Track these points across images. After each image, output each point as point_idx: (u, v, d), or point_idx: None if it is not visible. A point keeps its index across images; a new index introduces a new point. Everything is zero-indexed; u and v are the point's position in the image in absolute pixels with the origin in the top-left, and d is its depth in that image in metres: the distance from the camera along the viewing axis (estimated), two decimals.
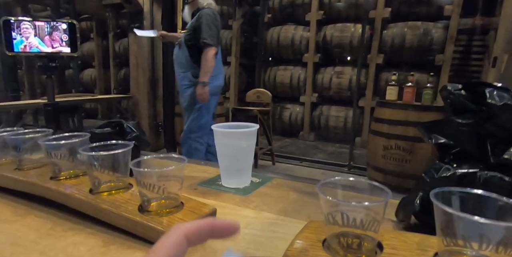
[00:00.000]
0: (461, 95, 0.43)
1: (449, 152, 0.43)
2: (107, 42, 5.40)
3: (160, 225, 0.40)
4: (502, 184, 0.37)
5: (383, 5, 3.84)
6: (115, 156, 0.48)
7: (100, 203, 0.45)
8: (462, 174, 0.39)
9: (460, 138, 0.42)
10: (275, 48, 4.50)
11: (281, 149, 3.83)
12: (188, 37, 2.22)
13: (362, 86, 3.99)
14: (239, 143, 0.59)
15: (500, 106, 0.39)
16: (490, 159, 0.39)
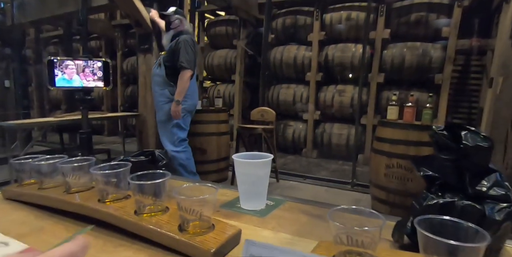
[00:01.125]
0: (444, 135, 0.51)
1: (434, 183, 0.50)
2: (115, 60, 5.58)
3: (198, 243, 0.48)
4: (475, 212, 0.45)
5: (383, 26, 4.01)
6: (157, 184, 0.57)
7: (146, 224, 0.53)
8: (443, 202, 0.47)
9: (444, 172, 0.50)
10: (278, 67, 4.64)
11: (285, 166, 3.88)
12: (167, 58, 2.49)
13: (363, 104, 4.08)
14: (257, 172, 0.68)
15: (473, 147, 0.46)
16: (468, 190, 0.47)
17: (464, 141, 0.47)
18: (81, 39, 4.76)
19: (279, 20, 4.66)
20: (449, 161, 0.49)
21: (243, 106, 4.96)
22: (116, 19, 5.45)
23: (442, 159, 0.50)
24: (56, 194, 0.65)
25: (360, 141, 4.07)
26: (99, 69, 2.03)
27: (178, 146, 2.56)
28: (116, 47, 5.53)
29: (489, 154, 0.47)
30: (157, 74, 2.53)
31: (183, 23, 2.57)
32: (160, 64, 2.51)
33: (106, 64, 2.07)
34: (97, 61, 1.99)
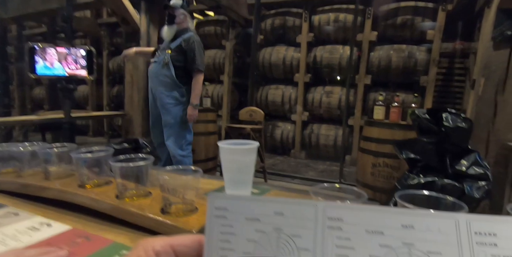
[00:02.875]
0: (426, 119, 0.51)
1: (416, 165, 0.51)
2: (101, 59, 5.47)
3: (180, 224, 0.47)
4: (454, 190, 0.45)
5: (370, 28, 4.07)
6: (140, 168, 0.56)
7: (128, 207, 0.53)
8: (425, 182, 0.48)
9: (426, 154, 0.50)
10: (267, 68, 4.64)
11: (273, 167, 3.86)
12: (177, 57, 2.32)
13: (351, 105, 4.12)
14: (242, 158, 0.67)
15: (453, 128, 0.46)
16: (448, 170, 0.47)
17: (445, 122, 0.48)
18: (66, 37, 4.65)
19: (268, 21, 4.67)
20: (431, 144, 0.49)
21: (232, 107, 4.93)
22: (103, 17, 5.35)
23: (424, 142, 0.50)
24: (35, 181, 0.63)
25: (348, 142, 4.10)
26: (82, 57, 1.95)
27: (185, 150, 2.45)
28: (102, 46, 5.42)
29: (468, 135, 0.48)
30: (163, 74, 2.32)
31: (187, 19, 2.41)
32: (166, 64, 2.31)
33: (89, 52, 1.99)
34: (80, 49, 1.91)
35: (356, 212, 0.22)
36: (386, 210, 0.22)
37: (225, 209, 0.25)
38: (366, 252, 0.21)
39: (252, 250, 0.23)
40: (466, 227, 0.21)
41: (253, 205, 0.24)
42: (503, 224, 0.20)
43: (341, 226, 0.22)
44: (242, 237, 0.24)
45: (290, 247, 0.23)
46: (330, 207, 0.23)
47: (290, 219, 0.23)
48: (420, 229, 0.21)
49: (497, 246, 0.20)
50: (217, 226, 0.24)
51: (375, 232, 0.22)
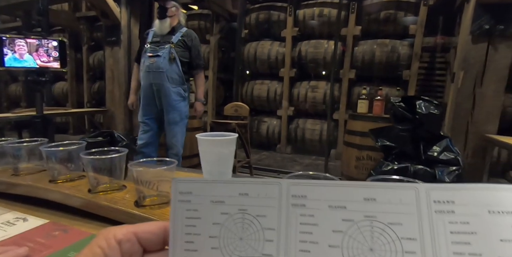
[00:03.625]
0: (401, 107, 0.50)
1: (391, 152, 0.50)
2: (80, 54, 5.30)
3: (154, 216, 0.46)
4: (426, 175, 0.46)
5: (354, 23, 4.08)
6: (112, 160, 0.55)
7: (100, 200, 0.51)
8: (398, 168, 0.48)
9: (400, 141, 0.50)
10: (252, 63, 4.60)
11: (259, 162, 3.85)
12: (183, 53, 2.28)
13: (336, 100, 4.14)
14: (221, 150, 0.67)
15: (426, 114, 0.46)
16: (422, 156, 0.47)
17: (418, 110, 0.47)
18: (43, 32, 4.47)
19: (252, 15, 4.61)
20: (405, 131, 0.49)
21: (217, 102, 4.88)
22: (81, 10, 5.16)
23: (398, 129, 0.50)
24: (3, 178, 0.61)
25: (333, 136, 4.13)
26: (54, 49, 1.86)
27: (182, 147, 2.43)
28: (81, 41, 5.24)
29: (440, 121, 0.48)
30: (171, 70, 2.24)
31: (179, 12, 2.34)
32: (174, 59, 2.23)
33: (62, 43, 1.90)
34: (52, 40, 1.83)
35: (319, 188, 0.22)
36: (348, 185, 0.22)
37: (189, 193, 0.24)
38: (329, 227, 0.21)
39: (218, 233, 0.23)
40: (426, 196, 0.21)
41: (217, 187, 0.24)
42: (460, 191, 0.20)
43: (305, 203, 0.22)
44: (207, 220, 0.23)
45: (255, 228, 0.23)
46: (294, 185, 0.23)
47: (255, 199, 0.23)
48: (382, 201, 0.21)
49: (454, 213, 0.20)
50: (182, 211, 0.24)
51: (338, 207, 0.22)
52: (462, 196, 0.20)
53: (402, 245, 0.20)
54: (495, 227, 0.19)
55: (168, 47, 2.22)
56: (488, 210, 0.20)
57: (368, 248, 0.21)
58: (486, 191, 0.20)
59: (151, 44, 2.27)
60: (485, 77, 2.01)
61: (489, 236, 0.19)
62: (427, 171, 0.43)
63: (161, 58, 2.21)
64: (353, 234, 0.21)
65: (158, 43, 2.25)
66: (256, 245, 0.22)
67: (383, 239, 0.21)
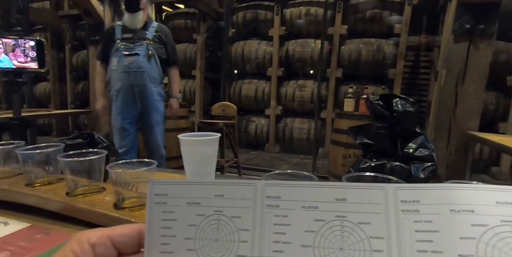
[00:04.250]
0: (379, 105, 0.50)
1: (370, 149, 0.50)
2: (63, 54, 5.16)
3: (134, 218, 0.46)
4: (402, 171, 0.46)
5: (340, 22, 4.10)
6: (91, 162, 0.54)
7: (77, 203, 0.50)
8: (375, 165, 0.48)
9: (378, 138, 0.50)
10: (239, 62, 4.58)
11: (247, 162, 3.84)
12: (160, 50, 2.15)
13: (323, 99, 4.17)
14: (203, 150, 0.67)
15: (402, 112, 0.46)
16: (399, 153, 0.47)
17: (395, 107, 0.47)
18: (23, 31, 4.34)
19: (239, 14, 4.59)
20: (383, 129, 0.49)
21: (205, 102, 4.83)
22: (63, 9, 5.03)
23: (377, 127, 0.50)
24: None
25: (320, 135, 4.15)
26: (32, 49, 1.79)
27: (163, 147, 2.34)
28: (64, 40, 5.11)
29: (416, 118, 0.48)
30: (151, 69, 2.11)
31: (148, 5, 2.17)
32: (151, 56, 2.10)
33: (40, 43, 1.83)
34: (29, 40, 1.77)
35: (293, 189, 0.23)
36: (321, 185, 0.23)
37: (165, 195, 0.24)
38: (302, 227, 0.22)
39: (193, 235, 0.23)
40: (393, 196, 0.21)
41: (193, 189, 0.24)
42: (425, 191, 0.21)
43: (279, 204, 0.23)
44: (183, 222, 0.24)
45: (231, 229, 0.23)
46: (269, 186, 0.23)
47: (230, 201, 0.23)
48: (352, 201, 0.22)
49: (419, 212, 0.21)
50: (158, 213, 0.24)
51: (311, 207, 0.22)
52: (427, 195, 0.21)
53: (371, 244, 0.21)
54: (455, 226, 0.20)
55: (145, 44, 2.08)
56: (450, 209, 0.20)
57: (338, 248, 0.21)
58: (449, 190, 0.21)
59: (123, 41, 2.09)
60: (467, 76, 2.05)
61: (450, 234, 0.20)
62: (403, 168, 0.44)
63: (140, 56, 2.07)
64: (325, 234, 0.22)
65: (132, 39, 2.08)
66: (231, 246, 0.22)
67: (353, 238, 0.21)
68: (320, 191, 0.22)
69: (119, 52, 2.07)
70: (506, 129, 3.37)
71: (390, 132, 0.50)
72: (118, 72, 2.09)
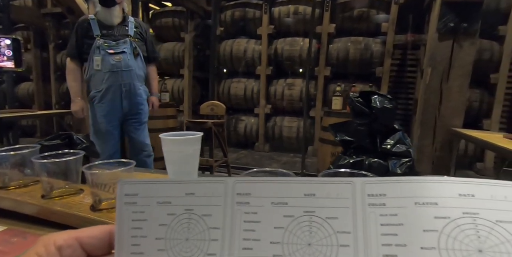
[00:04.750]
0: (359, 102, 0.49)
1: (350, 146, 0.50)
2: (47, 53, 5.03)
3: (111, 220, 0.45)
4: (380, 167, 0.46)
5: (328, 21, 4.12)
6: (67, 163, 0.53)
7: (53, 206, 0.49)
8: (353, 161, 0.48)
9: (358, 135, 0.50)
10: (228, 61, 4.55)
11: (237, 161, 3.82)
12: (142, 47, 2.08)
13: (312, 97, 4.18)
14: (185, 149, 0.66)
15: (380, 109, 0.46)
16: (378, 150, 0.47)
17: (373, 104, 0.47)
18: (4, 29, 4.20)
19: (227, 13, 4.56)
20: (363, 125, 0.49)
21: (193, 101, 4.79)
22: (47, 6, 4.90)
23: (357, 124, 0.50)
24: None
25: (309, 133, 4.17)
26: (7, 48, 1.73)
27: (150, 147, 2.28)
28: (47, 39, 4.98)
29: (393, 114, 0.48)
30: (138, 67, 2.04)
31: None
32: (137, 54, 2.02)
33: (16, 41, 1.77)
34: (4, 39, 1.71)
35: (263, 185, 0.23)
36: (290, 181, 0.23)
37: (135, 195, 0.24)
38: (271, 224, 0.22)
39: (164, 235, 0.23)
40: (361, 190, 0.21)
41: (164, 188, 0.24)
42: (392, 184, 0.21)
43: (249, 201, 0.23)
44: (154, 222, 0.23)
45: (201, 227, 0.23)
46: (239, 183, 0.23)
47: (201, 199, 0.23)
48: (321, 196, 0.22)
49: (385, 205, 0.21)
50: (128, 214, 0.24)
51: (280, 203, 0.22)
52: (393, 189, 0.21)
53: (338, 239, 0.21)
54: (419, 218, 0.20)
55: (128, 41, 1.98)
56: (414, 202, 0.20)
57: (306, 243, 0.21)
58: (414, 183, 0.21)
59: (103, 37, 1.95)
60: (451, 73, 2.08)
61: (413, 227, 0.20)
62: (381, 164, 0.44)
63: (127, 54, 1.97)
64: (293, 230, 0.21)
65: (113, 36, 1.97)
66: (201, 245, 0.22)
67: (320, 234, 0.21)
68: (289, 187, 0.22)
69: (102, 51, 1.94)
70: (490, 126, 3.45)
71: (369, 128, 0.50)
72: (103, 72, 1.96)
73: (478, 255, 0.19)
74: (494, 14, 3.46)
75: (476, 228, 0.19)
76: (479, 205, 0.20)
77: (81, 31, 1.97)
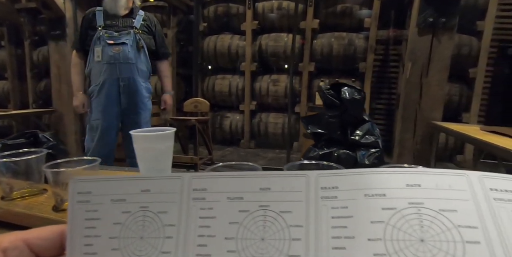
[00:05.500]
0: (330, 94, 0.48)
1: (321, 139, 0.50)
2: (22, 50, 4.84)
3: None
4: (348, 158, 0.46)
5: (312, 16, 4.11)
6: (27, 162, 0.50)
7: (13, 207, 0.47)
8: (322, 153, 0.48)
9: (329, 127, 0.49)
10: (212, 57, 4.50)
11: (222, 158, 3.80)
12: (149, 41, 1.93)
13: (297, 93, 4.18)
14: (157, 146, 0.65)
15: (349, 100, 0.45)
16: (348, 141, 0.46)
17: (343, 95, 0.46)
18: None
19: (211, 8, 4.49)
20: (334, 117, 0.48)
21: (178, 99, 4.71)
22: (21, 1, 4.69)
23: (328, 116, 0.49)
24: None
25: (295, 129, 4.18)
26: None
27: None
28: (23, 35, 4.78)
29: (362, 105, 0.47)
30: (139, 61, 1.88)
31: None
32: (141, 47, 1.88)
33: None
34: None
35: (219, 180, 0.23)
36: (246, 175, 0.23)
37: (88, 193, 0.24)
38: (227, 219, 0.22)
39: (118, 234, 0.22)
40: (315, 183, 0.22)
41: (118, 185, 0.24)
42: (343, 176, 0.21)
43: (205, 196, 0.22)
44: (107, 221, 0.23)
45: (156, 225, 0.22)
46: (196, 178, 0.23)
47: (157, 196, 0.23)
48: (276, 190, 0.22)
49: (337, 198, 0.21)
50: (81, 212, 0.23)
51: (236, 198, 0.22)
52: (345, 181, 0.21)
53: (290, 233, 0.21)
54: (368, 210, 0.20)
55: (132, 33, 1.84)
56: (364, 194, 0.20)
57: (260, 238, 0.21)
58: (364, 175, 0.21)
59: (105, 28, 1.83)
60: (430, 68, 2.11)
61: (362, 219, 0.20)
62: (349, 155, 0.44)
63: (128, 46, 1.82)
64: (248, 225, 0.21)
65: (117, 27, 1.84)
66: (156, 243, 0.22)
67: (274, 228, 0.21)
68: (245, 181, 0.22)
69: (102, 41, 1.81)
70: (469, 119, 3.54)
71: (340, 120, 0.49)
72: (102, 64, 1.82)
73: (419, 244, 0.19)
74: (472, 9, 3.54)
75: (420, 218, 0.19)
76: (425, 195, 0.20)
77: (85, 22, 1.89)
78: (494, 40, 3.48)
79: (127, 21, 1.87)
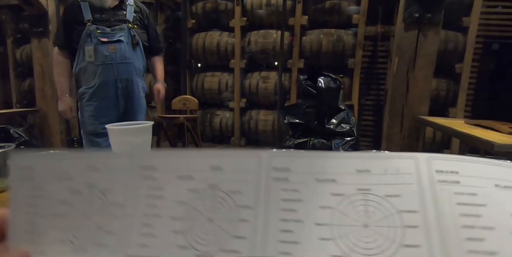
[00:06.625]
0: (307, 84, 0.47)
1: (298, 129, 0.48)
2: (4, 48, 4.71)
3: None
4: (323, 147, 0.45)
5: (301, 13, 4.10)
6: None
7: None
8: (297, 143, 0.46)
9: (306, 117, 0.48)
10: (201, 54, 4.45)
11: None
12: (143, 35, 1.76)
13: (286, 90, 4.17)
14: (133, 139, 0.63)
15: (325, 89, 0.43)
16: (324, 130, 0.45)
17: (319, 85, 0.44)
18: None
19: (199, 5, 4.44)
20: (310, 107, 0.46)
21: (167, 96, 4.65)
22: None
23: (305, 106, 0.47)
24: None
25: (285, 126, 4.17)
26: None
27: None
28: (5, 33, 4.65)
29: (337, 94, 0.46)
30: (136, 60, 1.72)
31: None
32: (136, 44, 1.70)
33: None
34: None
35: (167, 159, 0.22)
36: (196, 155, 0.22)
37: (30, 168, 0.23)
38: (174, 198, 0.21)
39: (63, 212, 0.22)
40: (267, 164, 0.21)
41: (64, 163, 0.23)
42: (296, 158, 0.21)
43: (153, 175, 0.22)
44: (52, 199, 0.22)
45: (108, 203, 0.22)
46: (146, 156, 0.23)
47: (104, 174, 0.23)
48: (227, 169, 0.21)
49: (288, 180, 0.21)
50: (24, 191, 0.23)
51: (185, 177, 0.22)
52: (297, 163, 0.21)
53: (240, 214, 0.20)
54: (317, 195, 0.20)
55: (126, 28, 1.66)
56: (315, 178, 0.20)
57: (206, 218, 0.20)
58: (316, 159, 0.21)
59: (95, 23, 1.62)
60: (416, 62, 2.13)
61: (311, 203, 0.20)
62: (324, 144, 0.44)
63: (124, 43, 1.65)
64: (197, 206, 0.21)
65: (108, 22, 1.65)
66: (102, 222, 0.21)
67: (223, 208, 0.21)
68: (195, 161, 0.22)
69: (94, 39, 1.62)
70: (456, 114, 3.59)
71: (317, 110, 0.48)
72: (95, 65, 1.65)
73: (363, 230, 0.19)
74: (458, 6, 3.58)
75: (366, 204, 0.20)
76: (373, 181, 0.20)
77: (69, 15, 1.66)
78: (479, 36, 3.53)
79: (118, 14, 1.68)
